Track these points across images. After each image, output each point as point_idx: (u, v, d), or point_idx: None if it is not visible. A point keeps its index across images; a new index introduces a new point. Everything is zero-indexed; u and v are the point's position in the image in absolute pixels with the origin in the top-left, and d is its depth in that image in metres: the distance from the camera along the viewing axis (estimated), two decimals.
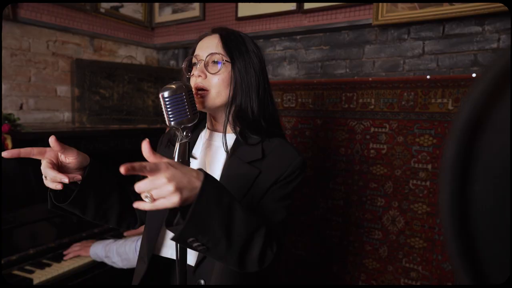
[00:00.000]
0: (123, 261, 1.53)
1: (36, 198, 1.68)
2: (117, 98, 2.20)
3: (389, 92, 1.87)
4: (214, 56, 0.87)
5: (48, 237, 1.68)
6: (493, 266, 0.22)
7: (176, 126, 0.78)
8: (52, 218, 1.70)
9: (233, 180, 0.87)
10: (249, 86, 0.89)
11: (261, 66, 0.92)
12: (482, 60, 1.65)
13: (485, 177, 0.23)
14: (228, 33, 0.92)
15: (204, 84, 0.87)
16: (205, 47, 0.90)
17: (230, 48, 0.88)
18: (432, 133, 1.77)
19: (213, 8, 2.40)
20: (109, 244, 1.59)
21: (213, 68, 0.88)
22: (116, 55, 2.57)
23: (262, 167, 0.87)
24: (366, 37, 1.94)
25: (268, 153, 0.88)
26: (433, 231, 1.83)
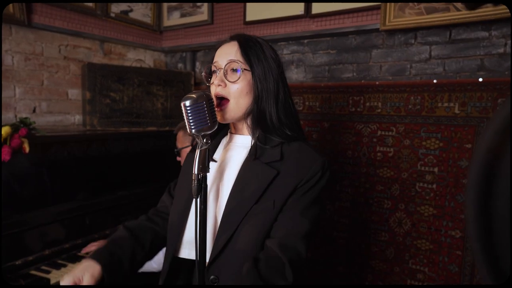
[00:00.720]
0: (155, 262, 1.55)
1: (49, 200, 1.72)
2: (127, 101, 2.23)
3: (396, 96, 1.90)
4: (233, 64, 0.89)
5: (62, 238, 1.71)
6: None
7: (196, 134, 0.81)
8: (65, 220, 1.74)
9: (249, 179, 0.89)
10: (268, 92, 0.90)
11: (279, 71, 0.93)
12: (489, 65, 1.67)
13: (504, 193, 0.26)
14: (246, 39, 0.93)
15: (223, 92, 0.89)
16: (223, 55, 0.92)
17: (248, 56, 0.90)
18: (438, 136, 1.80)
19: (221, 12, 2.43)
20: None
21: (232, 76, 0.90)
22: (125, 58, 2.61)
23: (280, 168, 0.88)
24: (373, 41, 1.97)
25: (287, 155, 0.90)
26: (439, 233, 1.85)
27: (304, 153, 0.91)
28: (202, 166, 0.81)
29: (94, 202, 1.88)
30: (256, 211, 0.87)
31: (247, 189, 0.88)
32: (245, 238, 0.86)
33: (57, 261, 1.62)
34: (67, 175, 1.80)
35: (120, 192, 2.05)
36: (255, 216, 0.87)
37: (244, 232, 0.86)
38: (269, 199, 0.87)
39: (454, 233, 1.81)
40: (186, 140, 1.73)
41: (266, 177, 0.88)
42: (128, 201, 2.07)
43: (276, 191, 0.87)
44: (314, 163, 0.89)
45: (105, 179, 1.99)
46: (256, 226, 0.86)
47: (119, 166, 2.09)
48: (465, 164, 1.74)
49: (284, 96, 0.93)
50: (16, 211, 1.58)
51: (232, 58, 0.90)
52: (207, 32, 2.53)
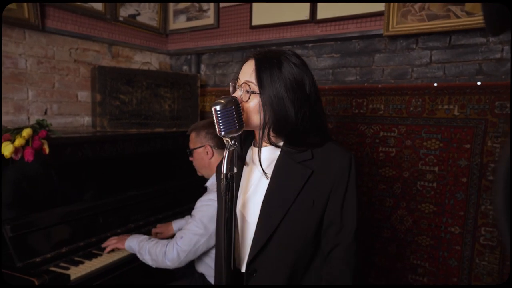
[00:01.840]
0: (152, 260, 1.62)
1: (64, 200, 1.78)
2: (135, 103, 2.29)
3: (397, 99, 1.98)
4: (245, 85, 0.95)
5: (77, 236, 1.77)
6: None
7: (225, 136, 0.87)
8: (80, 219, 1.80)
9: (285, 179, 0.95)
10: (281, 107, 0.93)
11: (298, 82, 0.95)
12: (486, 69, 1.76)
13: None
14: (264, 60, 0.96)
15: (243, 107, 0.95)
16: (243, 73, 0.98)
17: (261, 77, 0.93)
18: (439, 137, 1.88)
19: (228, 16, 2.50)
20: (142, 241, 1.68)
21: (245, 96, 0.95)
22: (132, 61, 2.67)
23: (313, 167, 0.94)
24: (376, 46, 2.05)
25: (317, 155, 0.95)
26: (439, 230, 1.94)
27: (333, 152, 0.96)
28: (230, 166, 0.87)
29: (106, 202, 1.94)
30: (295, 210, 0.93)
31: (284, 188, 0.95)
32: (285, 237, 0.94)
33: (74, 258, 1.68)
34: (81, 176, 1.86)
35: (130, 192, 2.11)
36: (294, 215, 0.93)
37: (284, 231, 0.93)
38: (307, 198, 0.93)
39: (454, 229, 1.89)
40: (198, 141, 1.79)
41: (301, 176, 0.94)
42: (137, 201, 2.13)
43: (313, 190, 0.93)
44: (343, 160, 0.95)
45: (116, 180, 2.05)
46: (296, 225, 0.93)
47: (129, 167, 2.15)
48: (464, 164, 1.83)
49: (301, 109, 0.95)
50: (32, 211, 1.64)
51: (247, 79, 0.95)
52: (212, 36, 2.60)
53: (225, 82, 2.73)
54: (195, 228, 1.58)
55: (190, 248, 1.57)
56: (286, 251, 0.94)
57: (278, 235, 0.93)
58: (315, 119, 0.99)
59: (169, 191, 2.37)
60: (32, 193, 1.66)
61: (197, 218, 1.60)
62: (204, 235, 1.57)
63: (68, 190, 1.80)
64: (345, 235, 0.94)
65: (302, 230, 0.94)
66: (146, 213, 2.16)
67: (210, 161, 1.78)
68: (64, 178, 1.78)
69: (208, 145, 1.76)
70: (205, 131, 1.78)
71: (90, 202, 1.86)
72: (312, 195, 0.93)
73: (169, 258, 1.58)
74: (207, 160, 1.78)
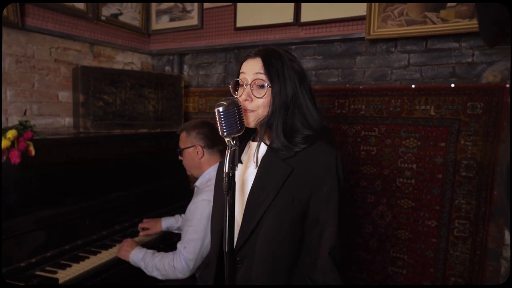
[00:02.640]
0: (162, 275, 1.61)
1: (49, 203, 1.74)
2: (119, 104, 2.26)
3: (378, 99, 2.08)
4: (259, 80, 0.99)
5: (62, 240, 1.74)
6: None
7: (227, 137, 0.91)
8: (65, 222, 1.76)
9: (267, 176, 0.99)
10: (284, 105, 0.99)
11: (300, 80, 1.02)
12: (459, 72, 1.88)
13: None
14: (269, 56, 1.01)
15: (251, 107, 0.99)
16: (250, 70, 1.01)
17: (271, 73, 0.99)
18: (416, 136, 1.99)
19: (212, 17, 2.52)
20: (147, 257, 1.66)
21: (257, 91, 0.99)
22: (114, 61, 2.63)
23: (294, 165, 0.97)
24: (357, 49, 2.13)
25: (301, 153, 0.99)
26: (417, 224, 2.04)
27: (317, 150, 0.99)
28: (232, 165, 0.91)
29: (91, 204, 1.92)
30: (276, 205, 0.97)
31: (267, 185, 0.99)
32: (267, 230, 0.97)
33: (61, 262, 1.65)
34: (66, 178, 1.83)
35: (115, 194, 2.09)
36: (275, 210, 0.97)
37: (265, 225, 0.97)
38: (287, 196, 0.97)
39: (430, 222, 2.01)
40: (188, 141, 1.81)
41: (282, 173, 0.98)
42: (123, 202, 2.11)
43: (293, 187, 0.97)
44: (326, 158, 0.98)
45: (101, 181, 2.02)
46: (277, 220, 0.97)
47: (114, 168, 2.12)
48: (440, 161, 1.95)
49: (301, 105, 1.01)
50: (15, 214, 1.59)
51: (258, 76, 0.99)
52: (196, 37, 2.60)
53: (208, 83, 2.75)
54: (195, 234, 1.59)
55: (196, 255, 1.59)
56: (268, 245, 0.97)
57: (259, 230, 0.97)
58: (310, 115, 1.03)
59: (154, 192, 2.36)
60: (16, 196, 1.62)
61: (194, 223, 1.61)
62: (205, 237, 1.59)
63: (53, 192, 1.76)
64: (327, 235, 0.97)
65: (282, 226, 0.97)
66: (132, 214, 2.14)
67: (200, 161, 1.80)
68: (49, 180, 1.74)
69: (199, 145, 1.78)
70: (195, 131, 1.80)
71: (75, 204, 1.83)
72: (291, 193, 0.96)
73: (180, 271, 1.59)
74: (197, 160, 1.80)
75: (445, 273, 2.00)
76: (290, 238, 0.99)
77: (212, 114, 2.71)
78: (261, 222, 0.97)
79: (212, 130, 1.84)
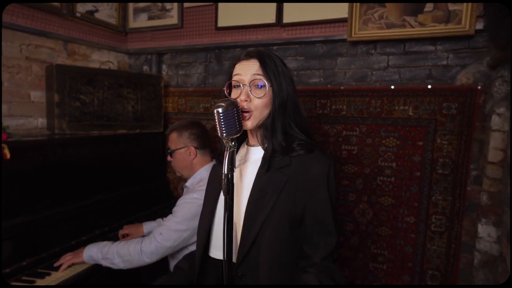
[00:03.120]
0: (124, 262, 1.58)
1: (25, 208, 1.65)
2: (97, 104, 2.18)
3: (359, 100, 2.13)
4: (257, 80, 0.99)
5: (39, 247, 1.65)
6: None
7: (227, 138, 0.90)
8: (42, 228, 1.68)
9: (264, 186, 0.99)
10: (282, 105, 1.01)
11: (291, 85, 1.04)
12: (435, 74, 1.97)
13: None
14: (265, 57, 1.02)
15: (249, 106, 0.99)
16: (246, 71, 1.01)
17: (268, 73, 0.99)
18: (396, 135, 2.06)
19: (192, 16, 2.48)
20: (106, 246, 1.62)
21: (256, 91, 0.99)
22: (89, 59, 2.53)
23: (290, 174, 0.98)
24: (338, 50, 2.18)
25: (296, 161, 1.00)
26: (397, 220, 2.11)
27: (312, 158, 1.00)
28: (231, 166, 0.90)
29: (69, 208, 1.84)
30: (274, 216, 0.97)
31: (264, 195, 0.98)
32: (267, 241, 0.97)
33: (38, 271, 1.57)
34: (43, 182, 1.74)
35: (95, 197, 2.02)
36: (272, 222, 0.97)
37: (266, 236, 0.97)
38: (284, 206, 0.97)
39: (409, 219, 2.08)
40: (180, 141, 1.78)
41: (278, 183, 0.98)
42: (103, 206, 2.05)
43: (289, 197, 0.97)
44: (321, 167, 0.99)
45: (79, 184, 1.94)
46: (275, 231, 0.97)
47: (93, 170, 2.05)
48: (418, 159, 2.02)
49: (294, 107, 1.03)
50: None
51: (256, 76, 0.99)
52: (176, 36, 2.56)
53: (188, 83, 2.71)
54: (176, 224, 1.58)
55: (170, 244, 1.56)
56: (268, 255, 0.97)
57: (258, 241, 0.97)
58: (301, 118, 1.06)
59: (135, 195, 2.30)
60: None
61: (180, 215, 1.60)
62: (185, 231, 1.58)
63: (29, 197, 1.68)
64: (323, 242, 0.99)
65: (280, 235, 0.98)
66: (112, 218, 2.08)
67: (192, 161, 1.78)
68: (25, 184, 1.65)
69: (192, 145, 1.76)
70: (188, 131, 1.77)
71: (52, 209, 1.75)
72: (288, 202, 0.97)
73: (147, 255, 1.56)
74: (189, 161, 1.78)
75: (423, 267, 2.08)
76: (291, 248, 0.99)
77: (193, 115, 2.68)
78: (259, 235, 0.97)
79: (203, 131, 1.83)
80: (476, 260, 1.85)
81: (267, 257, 0.97)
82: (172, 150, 1.84)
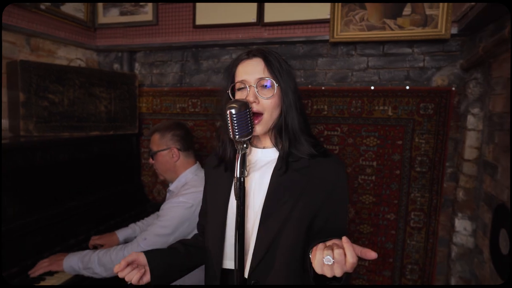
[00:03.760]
0: (107, 270, 1.48)
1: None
2: (67, 104, 2.03)
3: (340, 100, 2.16)
4: (264, 81, 0.95)
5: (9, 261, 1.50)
6: None
7: (239, 140, 0.85)
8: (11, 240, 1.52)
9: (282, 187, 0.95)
10: (291, 105, 0.97)
11: (295, 83, 1.01)
12: (413, 76, 2.04)
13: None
14: (269, 56, 0.98)
15: (258, 108, 0.94)
16: (251, 72, 0.96)
17: (274, 72, 0.95)
18: (376, 135, 2.11)
19: (168, 13, 2.38)
20: (86, 255, 1.51)
21: (263, 92, 0.95)
22: (55, 56, 2.35)
23: (309, 175, 0.96)
24: (318, 50, 2.19)
25: (313, 163, 0.97)
26: (378, 218, 2.17)
27: (329, 161, 0.99)
28: (242, 170, 0.86)
29: (41, 217, 1.69)
30: (292, 218, 0.94)
31: (282, 196, 0.95)
32: (285, 244, 0.94)
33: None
34: (11, 189, 1.58)
35: (68, 204, 1.88)
36: (291, 223, 0.94)
37: (283, 239, 0.93)
38: (304, 205, 0.94)
39: (389, 216, 2.15)
40: (163, 143, 1.69)
41: (298, 184, 0.95)
42: (77, 212, 1.91)
43: (310, 197, 0.95)
44: (337, 168, 0.99)
45: (51, 191, 1.79)
46: (294, 232, 0.94)
47: (65, 175, 1.90)
48: (397, 158, 2.09)
49: (300, 106, 1.01)
50: None
51: (262, 76, 0.95)
52: (151, 33, 2.45)
53: (163, 82, 2.60)
54: (161, 229, 1.51)
55: None
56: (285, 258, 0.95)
57: (275, 245, 0.94)
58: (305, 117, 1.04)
59: (110, 199, 2.17)
60: None
61: (165, 219, 1.52)
62: (170, 235, 1.52)
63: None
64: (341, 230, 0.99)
65: (298, 238, 0.95)
66: (88, 225, 1.94)
67: (175, 164, 1.70)
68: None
69: (175, 147, 1.68)
70: (171, 132, 1.69)
71: (22, 218, 1.60)
72: (308, 203, 0.95)
73: None
74: (172, 163, 1.70)
75: (402, 262, 2.15)
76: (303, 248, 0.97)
77: (168, 115, 2.58)
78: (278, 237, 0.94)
79: (187, 132, 1.75)
80: (453, 253, 1.95)
81: (283, 261, 0.94)
82: (154, 152, 1.75)
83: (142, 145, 2.65)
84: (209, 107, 2.47)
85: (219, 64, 2.45)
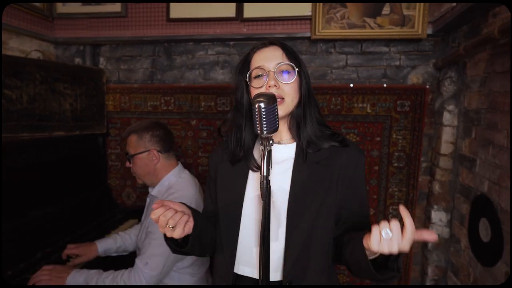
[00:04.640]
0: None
1: None
2: (27, 101, 1.80)
3: (320, 97, 2.16)
4: (284, 66, 0.93)
5: None
6: None
7: (267, 135, 0.79)
8: None
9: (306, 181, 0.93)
10: (309, 91, 0.97)
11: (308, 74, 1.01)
12: (390, 74, 2.11)
13: None
14: (286, 44, 0.98)
15: (279, 93, 0.91)
16: (269, 59, 0.94)
17: (293, 58, 0.95)
18: (356, 132, 2.15)
19: (139, 5, 2.23)
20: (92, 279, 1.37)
21: (283, 77, 0.93)
22: (6, 47, 2.09)
23: (333, 165, 0.94)
24: (298, 47, 2.18)
25: (333, 152, 0.96)
26: None
27: (348, 151, 0.97)
28: (268, 167, 0.80)
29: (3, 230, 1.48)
30: (322, 215, 0.92)
31: (307, 195, 0.92)
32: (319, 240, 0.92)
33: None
34: None
35: (34, 212, 1.68)
36: (321, 221, 0.92)
37: (316, 234, 0.92)
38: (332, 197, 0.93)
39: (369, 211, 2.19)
40: (141, 145, 1.55)
41: (321, 179, 0.93)
42: (44, 222, 1.71)
43: (334, 190, 0.93)
44: (357, 155, 0.98)
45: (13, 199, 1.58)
46: (326, 226, 0.93)
47: (29, 181, 1.70)
48: (376, 154, 2.14)
49: (314, 96, 1.01)
50: None
51: (281, 61, 0.93)
52: (119, 25, 2.27)
53: (132, 79, 2.43)
54: (159, 248, 1.37)
55: (159, 272, 1.37)
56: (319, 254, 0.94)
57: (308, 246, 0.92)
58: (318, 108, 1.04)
59: (77, 206, 1.98)
60: None
61: (160, 235, 1.39)
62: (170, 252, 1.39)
63: None
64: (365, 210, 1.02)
65: (329, 233, 0.95)
66: (55, 236, 1.75)
67: (156, 167, 1.57)
68: None
69: (154, 149, 1.55)
70: (149, 133, 1.55)
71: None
72: (335, 195, 0.94)
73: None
74: (152, 166, 1.56)
75: None
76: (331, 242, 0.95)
77: (138, 114, 2.42)
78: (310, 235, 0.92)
79: (167, 132, 1.62)
80: (429, 244, 2.04)
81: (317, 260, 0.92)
82: (131, 155, 1.60)
83: (109, 146, 2.45)
84: (183, 105, 2.35)
85: (194, 60, 2.34)
